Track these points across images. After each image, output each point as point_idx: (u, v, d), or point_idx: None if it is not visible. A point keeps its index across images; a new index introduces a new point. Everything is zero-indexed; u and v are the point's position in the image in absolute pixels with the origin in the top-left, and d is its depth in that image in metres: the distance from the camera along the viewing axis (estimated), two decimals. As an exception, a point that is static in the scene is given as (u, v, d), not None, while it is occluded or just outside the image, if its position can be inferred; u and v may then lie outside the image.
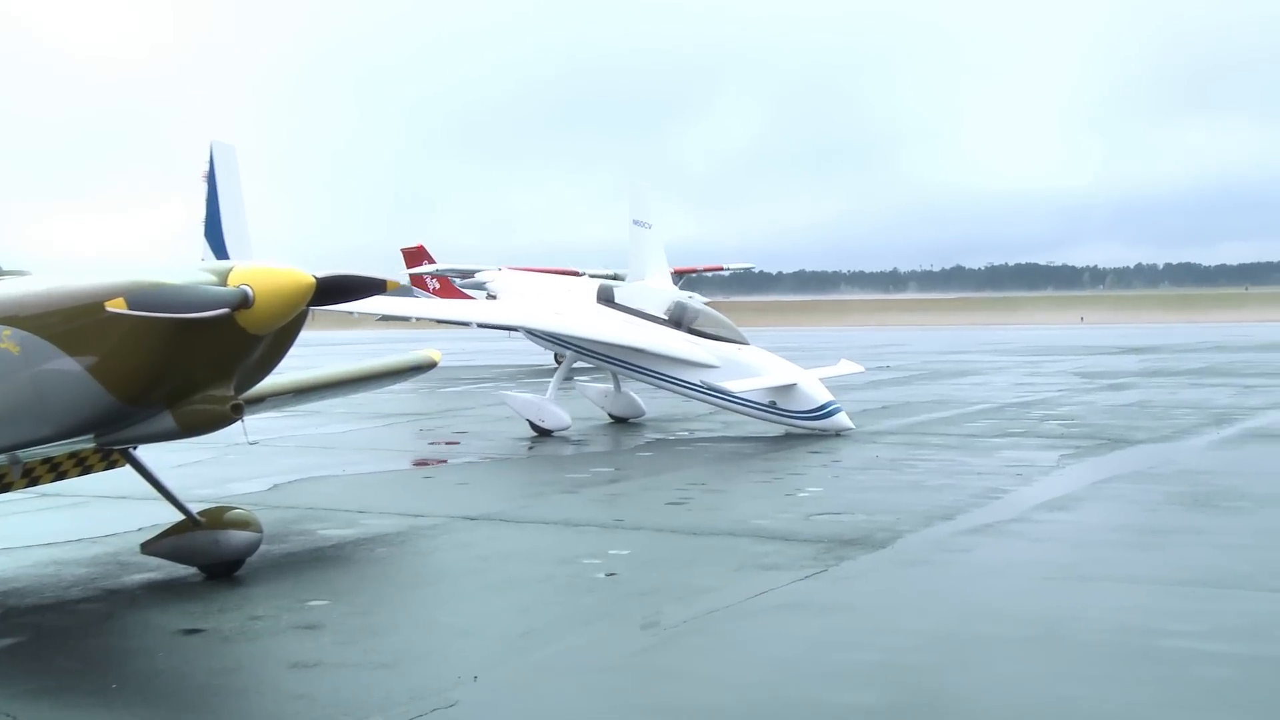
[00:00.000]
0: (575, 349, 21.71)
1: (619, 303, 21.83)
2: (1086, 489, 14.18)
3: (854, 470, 16.05)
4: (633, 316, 21.44)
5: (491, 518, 12.91)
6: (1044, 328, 74.36)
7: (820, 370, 22.28)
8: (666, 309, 21.43)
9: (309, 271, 8.35)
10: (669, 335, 20.85)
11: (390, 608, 9.32)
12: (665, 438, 20.33)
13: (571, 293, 22.53)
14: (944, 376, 33.35)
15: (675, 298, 21.90)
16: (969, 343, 54.63)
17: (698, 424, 22.01)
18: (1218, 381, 29.53)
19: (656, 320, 21.25)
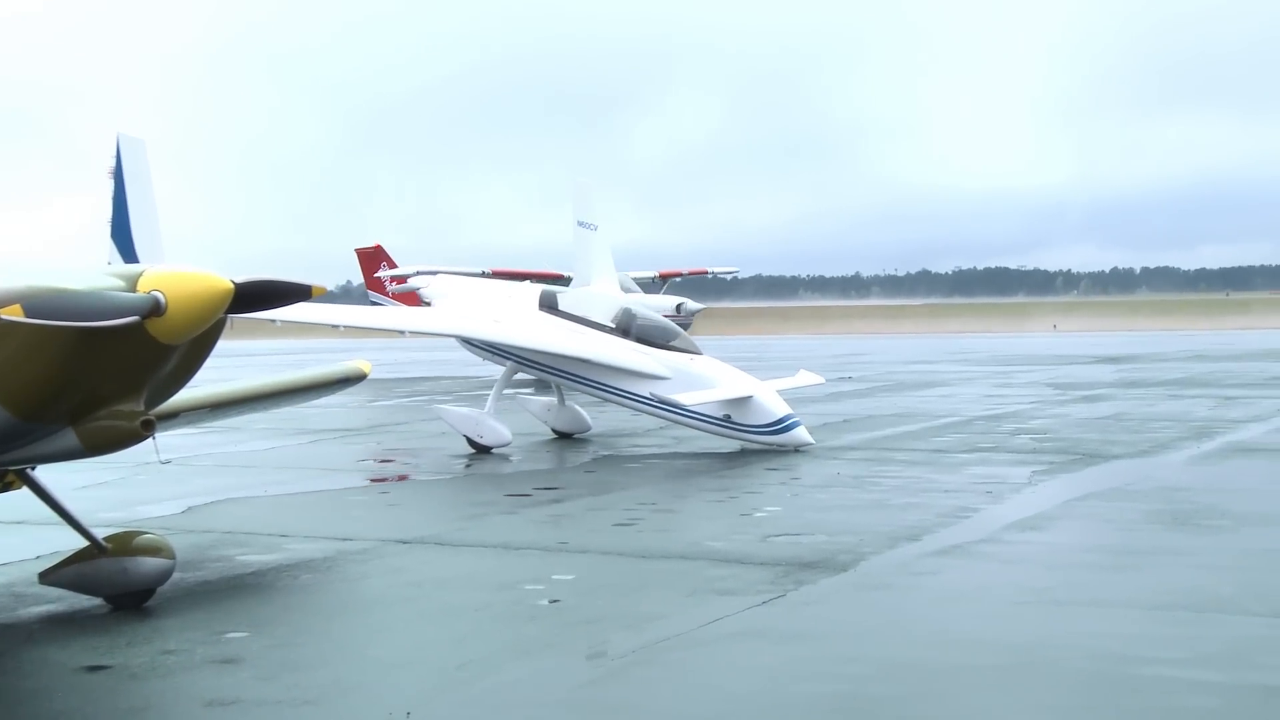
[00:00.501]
0: (516, 360, 21.66)
1: (563, 310, 21.82)
2: (1060, 507, 14.33)
3: (814, 488, 16.11)
4: (577, 324, 21.43)
5: (426, 541, 12.85)
6: (1015, 336, 75.15)
7: (778, 382, 22.35)
8: (614, 316, 21.44)
9: (227, 276, 8.28)
10: (616, 345, 20.85)
11: (315, 639, 9.24)
12: (613, 454, 20.31)
13: (512, 299, 22.48)
14: (909, 388, 33.59)
15: (623, 304, 21.90)
16: (935, 352, 55.09)
17: (647, 439, 22.01)
18: (1198, 393, 29.97)
19: (603, 329, 21.25)
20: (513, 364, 21.72)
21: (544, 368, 21.48)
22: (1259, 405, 26.39)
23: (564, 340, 21.03)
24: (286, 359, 51.46)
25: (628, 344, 20.85)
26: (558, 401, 22.69)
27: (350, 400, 30.21)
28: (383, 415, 27.62)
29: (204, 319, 8.23)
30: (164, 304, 8.10)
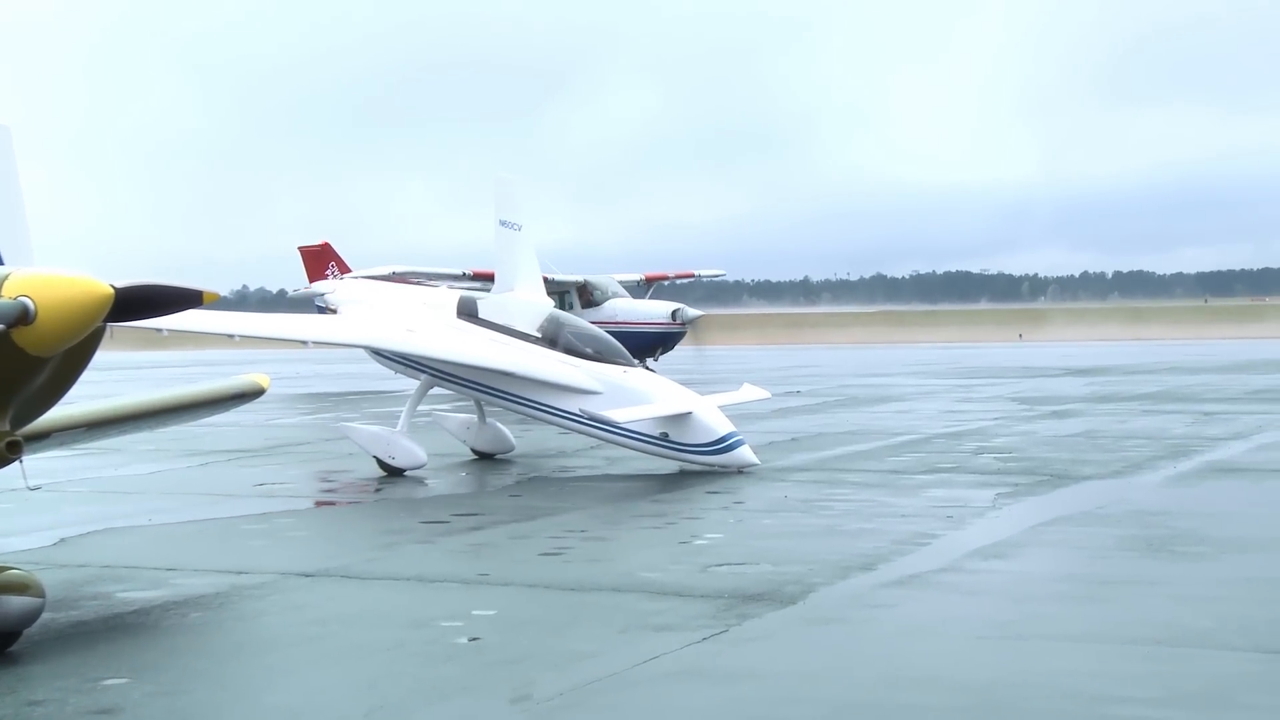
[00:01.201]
0: (431, 373, 21.58)
1: (484, 318, 21.77)
2: (1026, 533, 14.48)
3: (759, 513, 16.17)
4: (500, 334, 21.38)
5: (331, 574, 12.75)
6: (977, 346, 75.98)
7: (720, 397, 22.42)
8: (540, 325, 21.41)
9: (105, 280, 8.17)
10: (542, 356, 20.83)
11: (206, 685, 9.13)
12: (538, 476, 20.27)
13: (428, 305, 22.40)
14: (862, 403, 33.84)
15: (550, 312, 21.89)
16: (891, 364, 55.56)
17: (577, 460, 21.99)
18: (1174, 408, 30.44)
19: (528, 338, 21.22)
20: (428, 377, 21.63)
21: (463, 382, 21.41)
22: (1240, 421, 26.84)
23: (484, 351, 20.98)
24: (174, 372, 50.92)
25: (555, 355, 20.83)
26: (478, 419, 22.62)
27: (246, 418, 29.92)
28: (283, 435, 27.41)
29: (78, 328, 8.12)
30: (32, 311, 7.99)
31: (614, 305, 42.81)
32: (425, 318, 21.88)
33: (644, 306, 43.36)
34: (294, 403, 36.71)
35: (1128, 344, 73.84)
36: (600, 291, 43.07)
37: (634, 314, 42.68)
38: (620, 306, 42.86)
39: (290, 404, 36.08)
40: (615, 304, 42.89)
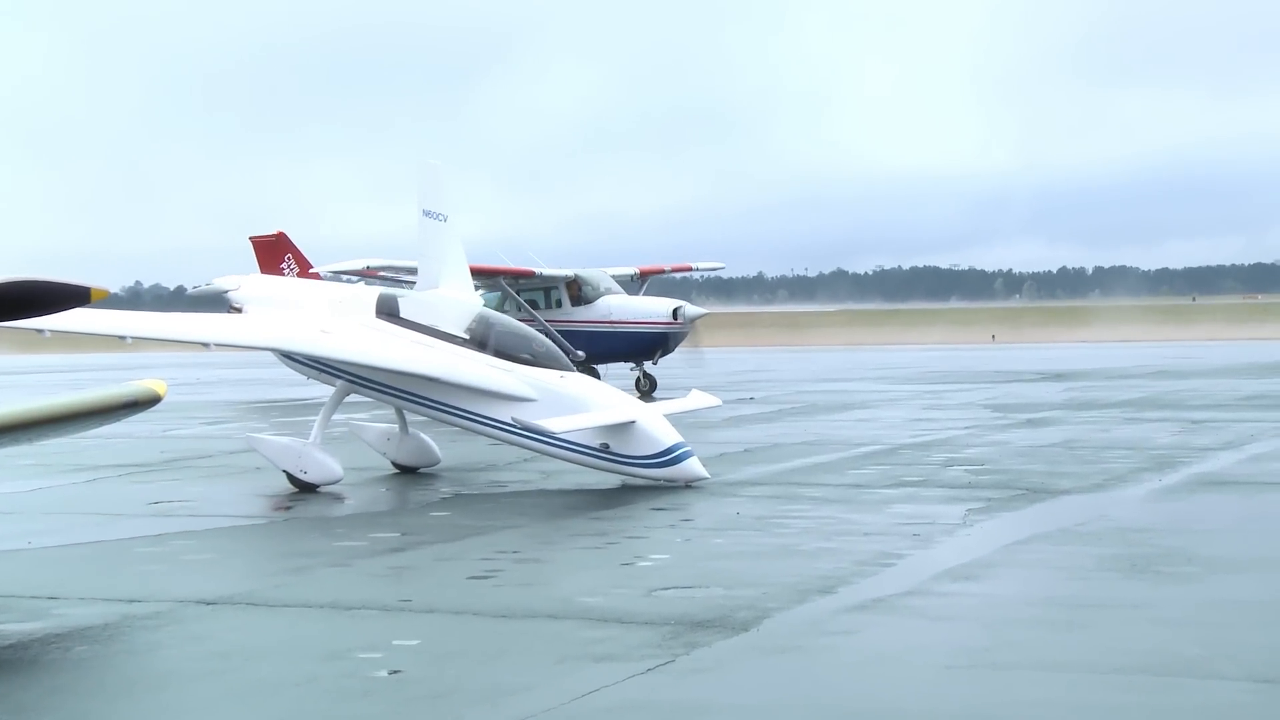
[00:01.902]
0: (348, 378, 21.48)
1: (406, 317, 21.70)
2: (1000, 552, 14.59)
3: (709, 532, 16.20)
4: (423, 335, 21.32)
5: (236, 601, 12.66)
6: (947, 348, 76.51)
7: (666, 404, 22.43)
8: (467, 325, 21.37)
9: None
10: (471, 360, 20.79)
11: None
12: (466, 492, 20.22)
13: (344, 304, 22.29)
14: (822, 411, 33.97)
15: (478, 311, 21.84)
16: (853, 367, 55.84)
17: (509, 474, 21.96)
18: (1159, 416, 30.77)
19: (454, 340, 21.17)
20: (344, 383, 21.53)
21: (383, 388, 21.32)
22: (1230, 430, 27.17)
23: (407, 354, 20.90)
24: (58, 378, 50.39)
25: (484, 358, 20.79)
26: (399, 429, 22.54)
27: (139, 429, 29.65)
28: (182, 446, 27.20)
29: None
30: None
31: (608, 303, 42.04)
32: (342, 317, 21.78)
33: (642, 304, 42.56)
34: (194, 411, 36.42)
35: (1109, 346, 74.56)
36: (592, 287, 42.30)
37: (631, 312, 41.90)
38: (615, 304, 42.10)
39: (190, 413, 35.80)
40: (609, 301, 42.13)
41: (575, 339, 39.95)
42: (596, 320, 41.35)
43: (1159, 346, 71.56)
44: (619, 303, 42.21)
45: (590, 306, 41.77)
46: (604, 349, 41.23)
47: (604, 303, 42.00)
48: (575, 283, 42.29)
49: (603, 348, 41.20)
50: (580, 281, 42.36)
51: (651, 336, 41.53)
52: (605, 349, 41.29)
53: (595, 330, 41.34)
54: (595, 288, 42.35)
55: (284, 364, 23.28)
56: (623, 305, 42.15)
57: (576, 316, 41.62)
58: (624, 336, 41.34)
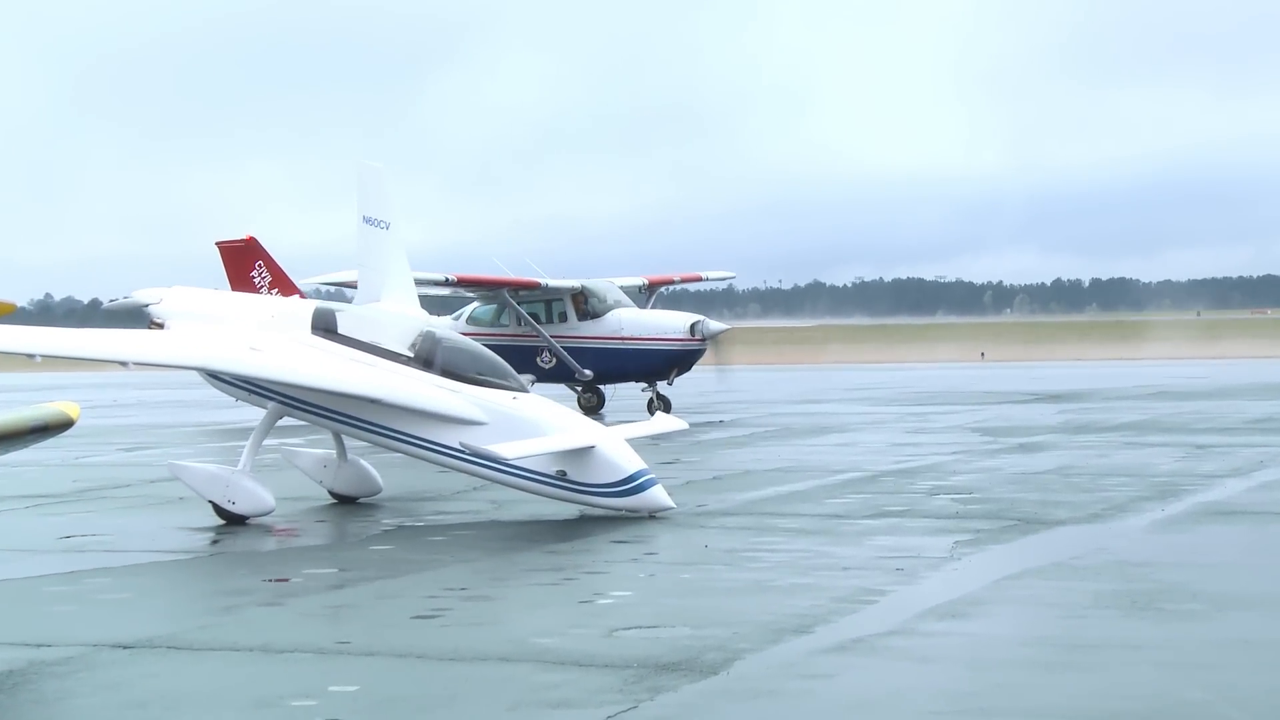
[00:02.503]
0: (281, 400, 21.41)
1: (344, 333, 21.64)
2: (989, 588, 14.64)
3: (675, 566, 16.21)
4: (363, 352, 21.27)
5: (156, 645, 12.60)
6: (932, 367, 76.75)
7: (628, 428, 22.44)
8: (412, 342, 21.33)
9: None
10: (415, 380, 20.75)
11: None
12: (410, 524, 20.18)
13: (276, 319, 22.23)
14: (797, 435, 34.02)
15: (423, 326, 21.82)
16: (831, 388, 55.94)
17: (456, 504, 21.91)
18: (1162, 440, 30.93)
19: (397, 358, 21.13)
20: (276, 405, 21.46)
21: (319, 410, 21.26)
22: (1238, 455, 27.33)
23: (345, 374, 20.85)
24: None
25: (430, 378, 20.76)
26: (337, 455, 22.47)
27: (50, 456, 29.48)
28: (96, 476, 27.05)
29: None
30: None
31: (618, 316, 41.44)
32: (274, 334, 21.71)
33: (656, 318, 41.97)
34: (110, 436, 36.22)
35: (1108, 364, 74.91)
36: (599, 299, 41.71)
37: (644, 327, 41.24)
38: (627, 318, 41.45)
39: (106, 438, 35.59)
40: (620, 315, 41.50)
41: (582, 357, 39.67)
42: (605, 336, 40.77)
43: (1161, 365, 71.94)
44: (630, 317, 41.55)
45: (599, 321, 41.16)
46: (613, 367, 40.84)
47: (614, 317, 41.37)
48: (581, 295, 41.69)
49: (612, 366, 40.80)
50: (587, 293, 41.77)
51: (666, 354, 40.93)
52: (615, 367, 40.87)
53: (604, 347, 40.89)
54: (603, 300, 41.74)
55: (210, 385, 23.18)
56: (635, 320, 41.42)
57: (584, 332, 41.15)
58: (636, 354, 40.83)
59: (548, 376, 41.00)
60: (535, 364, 40.24)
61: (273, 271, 43.41)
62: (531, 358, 40.46)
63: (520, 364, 40.10)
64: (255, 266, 43.79)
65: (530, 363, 40.04)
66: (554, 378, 41.62)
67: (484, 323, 41.54)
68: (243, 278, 43.06)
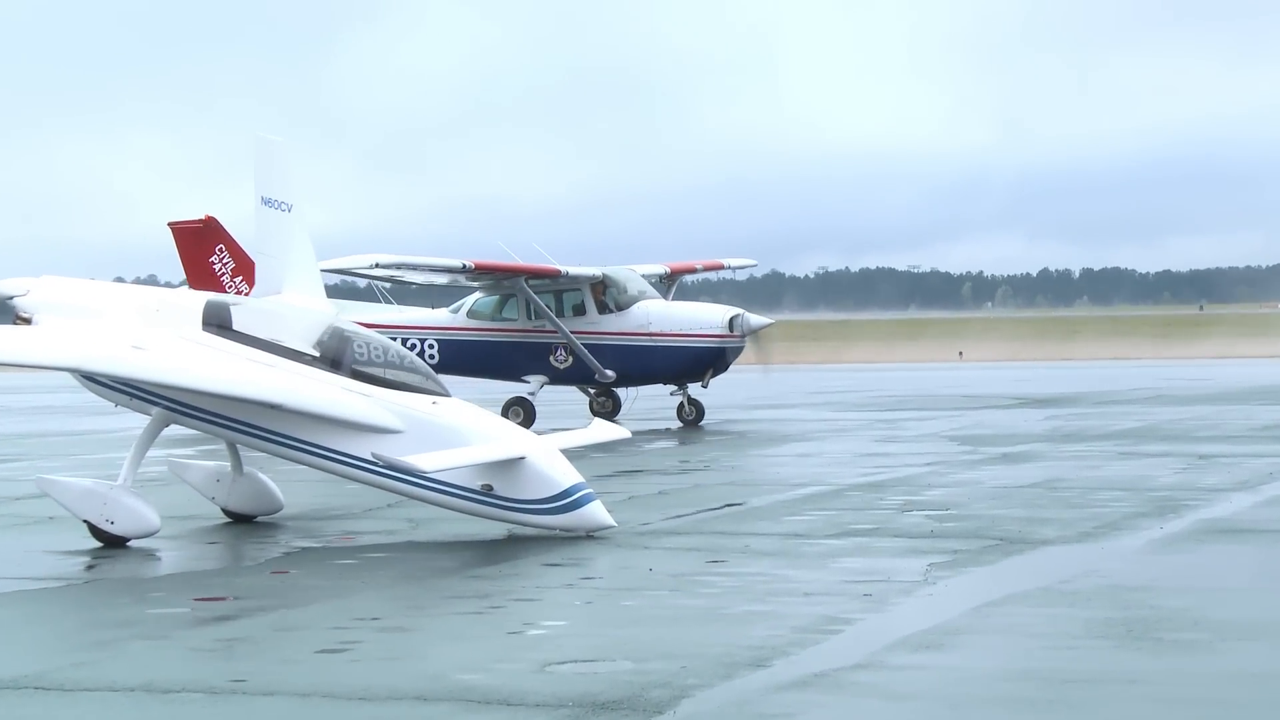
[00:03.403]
0: (167, 405, 21.28)
1: (240, 329, 21.53)
2: (968, 616, 14.70)
3: (615, 592, 16.21)
4: (262, 351, 21.17)
5: (22, 685, 12.50)
6: (904, 367, 77.04)
7: (563, 436, 22.41)
8: (317, 339, 21.24)
9: None
10: (321, 382, 20.67)
11: None
12: (315, 545, 20.12)
13: (161, 312, 22.09)
14: (754, 444, 34.08)
15: (331, 321, 21.73)
16: (792, 391, 56.04)
17: (368, 523, 21.86)
18: (1160, 449, 31.14)
19: (301, 357, 21.03)
20: (162, 411, 21.33)
21: (211, 417, 21.14)
22: (1245, 466, 27.55)
23: (241, 375, 20.74)
24: None
25: (339, 380, 20.68)
26: (232, 468, 22.36)
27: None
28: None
29: None
30: None
31: (645, 310, 40.56)
32: (159, 329, 21.57)
33: (690, 312, 41.17)
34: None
35: (1100, 365, 75.35)
36: (621, 290, 40.84)
37: (676, 321, 40.39)
38: (655, 311, 40.62)
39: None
40: (648, 308, 40.64)
41: (603, 355, 39.04)
42: (631, 332, 39.99)
43: (1160, 365, 72.44)
44: (660, 310, 40.82)
45: (623, 315, 40.36)
46: (639, 368, 40.05)
47: (640, 310, 40.55)
48: (601, 284, 40.84)
49: (638, 366, 40.01)
50: (607, 283, 40.94)
51: (701, 352, 40.12)
52: (641, 368, 40.08)
53: (629, 344, 40.07)
54: (624, 290, 40.90)
55: (86, 388, 22.95)
56: (665, 313, 40.68)
57: (606, 327, 40.37)
58: (666, 352, 39.96)
59: (562, 378, 40.57)
60: (549, 363, 39.91)
61: (237, 256, 42.62)
62: (544, 356, 39.98)
63: (531, 363, 39.85)
64: (215, 251, 42.96)
65: (542, 361, 39.87)
66: (569, 379, 41.13)
67: (485, 316, 40.89)
68: (201, 264, 42.32)
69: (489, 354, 40.57)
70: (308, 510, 23.09)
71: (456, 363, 40.18)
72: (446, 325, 41.20)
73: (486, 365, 40.90)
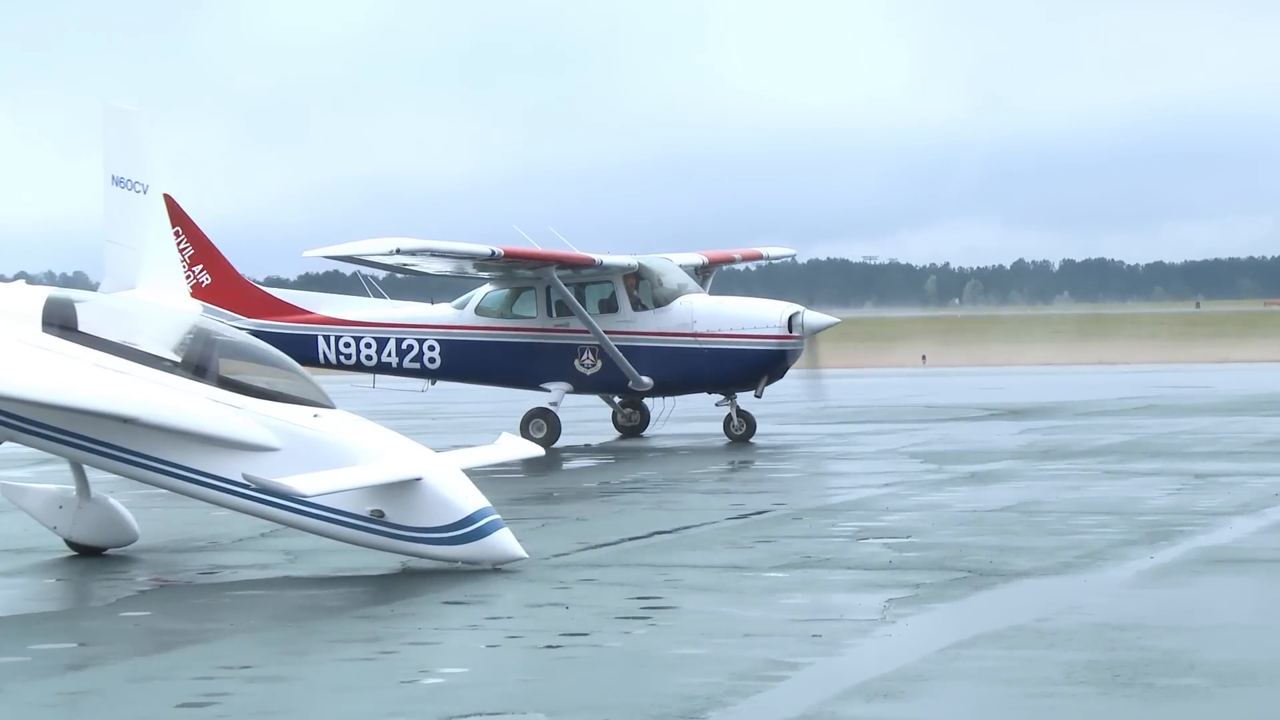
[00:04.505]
0: (2, 420, 21.14)
1: (87, 330, 21.40)
2: (931, 660, 14.73)
3: (526, 634, 16.18)
4: (114, 356, 21.05)
5: None
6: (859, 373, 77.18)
7: (466, 453, 22.35)
8: (178, 342, 21.14)
9: None
10: (183, 392, 20.57)
11: None
12: (176, 581, 20.06)
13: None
14: (688, 461, 34.03)
15: (195, 321, 21.63)
16: (731, 401, 56.06)
17: (238, 555, 21.78)
18: (1150, 467, 31.32)
19: (160, 363, 20.93)
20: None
21: (53, 433, 21.00)
22: (1247, 487, 27.71)
23: (88, 385, 20.62)
24: None
25: (204, 389, 20.58)
26: (77, 492, 22.22)
27: None
28: None
29: None
30: None
31: (689, 306, 39.80)
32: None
33: (742, 309, 40.36)
34: None
35: (1084, 370, 75.71)
36: (658, 283, 40.16)
37: (726, 320, 39.62)
38: (701, 308, 39.86)
39: None
40: (692, 304, 39.89)
41: (639, 358, 38.16)
42: (672, 332, 39.19)
43: (1151, 371, 72.81)
44: (706, 307, 40.11)
45: (663, 312, 39.61)
46: (681, 374, 39.28)
47: (684, 306, 39.81)
48: (635, 276, 40.16)
49: (679, 372, 39.24)
50: (643, 274, 40.22)
51: (756, 356, 39.40)
52: (683, 374, 39.32)
53: (670, 346, 39.29)
54: (660, 283, 40.22)
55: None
56: (713, 310, 39.98)
57: (642, 326, 39.55)
58: (714, 356, 39.08)
59: (588, 385, 39.87)
60: (573, 368, 39.09)
61: (195, 241, 42.25)
62: (567, 360, 39.15)
63: (552, 368, 38.91)
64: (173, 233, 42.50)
65: (566, 366, 39.13)
66: (597, 387, 40.49)
67: (495, 313, 40.06)
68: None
69: (502, 357, 39.77)
70: (167, 541, 22.96)
71: (462, 368, 39.93)
72: (451, 324, 40.39)
73: (499, 371, 40.24)
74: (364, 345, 40.29)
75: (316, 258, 42.13)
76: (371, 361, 40.30)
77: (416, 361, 40.17)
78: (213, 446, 20.27)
